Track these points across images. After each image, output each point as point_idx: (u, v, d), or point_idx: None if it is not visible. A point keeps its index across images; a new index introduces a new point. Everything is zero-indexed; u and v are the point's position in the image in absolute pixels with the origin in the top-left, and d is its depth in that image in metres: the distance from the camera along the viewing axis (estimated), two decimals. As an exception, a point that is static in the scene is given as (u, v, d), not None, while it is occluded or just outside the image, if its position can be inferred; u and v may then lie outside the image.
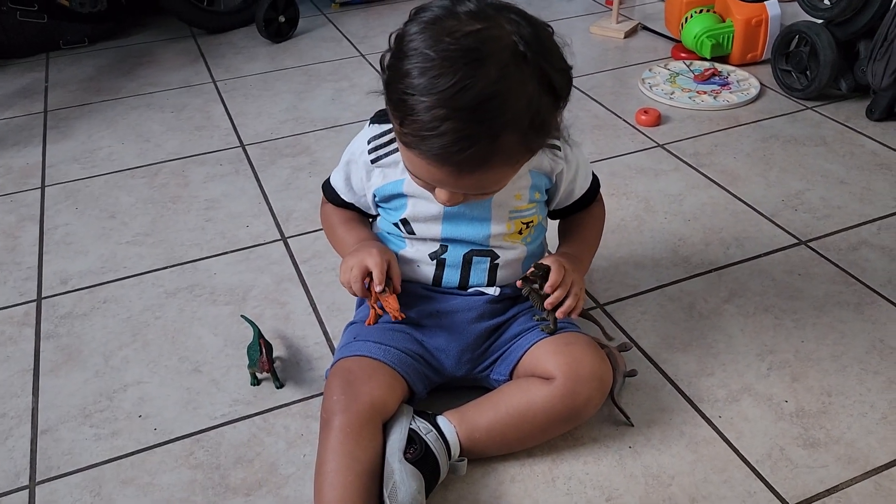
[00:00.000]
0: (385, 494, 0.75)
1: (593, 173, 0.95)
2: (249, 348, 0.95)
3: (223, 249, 1.23)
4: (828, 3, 1.52)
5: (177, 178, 1.45)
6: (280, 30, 2.09)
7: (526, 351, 0.85)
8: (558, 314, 0.86)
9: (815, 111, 1.56)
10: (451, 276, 0.89)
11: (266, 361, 0.92)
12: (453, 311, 0.88)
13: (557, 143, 0.86)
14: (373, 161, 0.87)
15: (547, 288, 0.85)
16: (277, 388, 0.95)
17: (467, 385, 0.89)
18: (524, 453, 0.84)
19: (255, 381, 0.96)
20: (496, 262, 0.88)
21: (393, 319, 0.84)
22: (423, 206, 0.86)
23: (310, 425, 0.90)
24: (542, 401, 0.81)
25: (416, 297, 0.89)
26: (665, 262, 1.14)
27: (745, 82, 1.67)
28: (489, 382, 0.88)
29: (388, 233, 0.91)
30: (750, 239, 1.19)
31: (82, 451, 0.88)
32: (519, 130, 0.68)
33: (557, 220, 0.97)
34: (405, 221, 0.87)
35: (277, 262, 1.20)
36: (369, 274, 0.83)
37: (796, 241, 1.17)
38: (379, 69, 0.74)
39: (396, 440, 0.79)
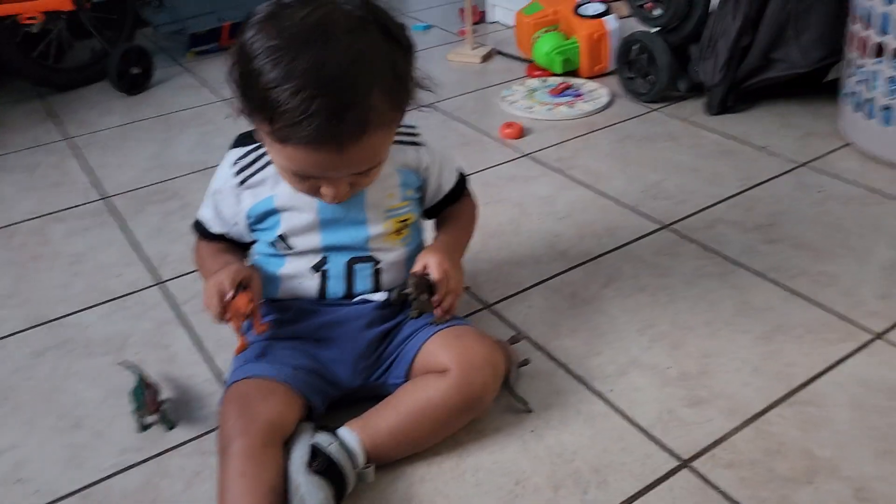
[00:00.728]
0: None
1: (460, 171, 0.98)
2: (133, 392, 0.90)
3: (94, 302, 1.17)
4: (657, 13, 1.65)
5: (35, 238, 1.37)
6: (135, 81, 2.03)
7: (418, 350, 0.86)
8: (443, 315, 0.88)
9: (661, 112, 1.68)
10: (336, 287, 0.89)
11: (153, 401, 0.88)
12: (343, 321, 0.88)
13: (417, 138, 0.90)
14: (241, 183, 0.87)
15: (435, 301, 0.86)
16: (168, 429, 0.91)
17: (366, 397, 0.88)
18: (430, 452, 0.84)
19: (144, 427, 0.91)
20: (378, 266, 0.89)
21: (256, 332, 0.83)
22: (298, 217, 0.86)
23: (207, 461, 0.86)
24: (440, 395, 0.81)
25: (302, 313, 0.88)
26: (544, 258, 1.19)
27: (596, 92, 1.78)
28: (387, 389, 0.88)
29: (267, 255, 0.90)
30: (619, 228, 1.25)
31: (-47, 527, 0.80)
32: (384, 87, 0.72)
33: (434, 222, 0.99)
34: (283, 237, 0.87)
35: (155, 306, 1.15)
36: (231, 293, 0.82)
37: (659, 225, 1.25)
38: (231, 87, 0.74)
39: (299, 456, 0.77)
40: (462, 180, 0.98)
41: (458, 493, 0.80)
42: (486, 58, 2.10)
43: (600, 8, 1.85)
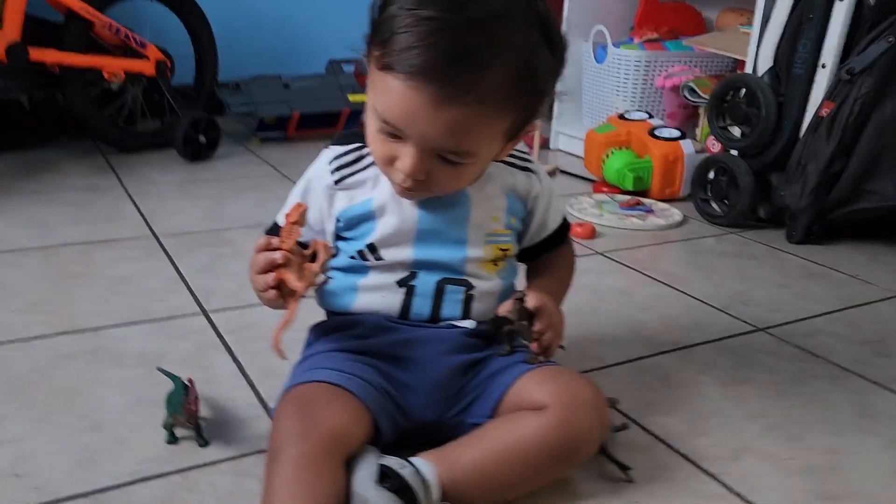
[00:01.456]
0: (359, 528, 0.58)
1: (564, 215, 0.90)
2: (170, 396, 0.78)
3: (133, 319, 1.06)
4: (738, 134, 1.63)
5: (78, 259, 1.28)
6: (199, 150, 2.02)
7: (509, 386, 0.73)
8: (546, 353, 0.77)
9: (738, 235, 1.61)
10: (422, 306, 0.78)
11: (192, 409, 0.75)
12: (424, 341, 0.76)
13: (531, 164, 0.83)
14: (337, 182, 0.79)
15: (536, 332, 0.76)
16: (201, 445, 0.77)
17: (441, 438, 0.74)
18: (515, 507, 0.70)
19: (173, 439, 0.78)
20: (471, 292, 0.78)
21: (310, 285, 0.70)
22: (394, 223, 0.77)
23: (244, 483, 0.72)
24: (535, 432, 0.68)
25: (377, 329, 0.77)
26: (628, 340, 1.08)
27: (668, 211, 1.73)
28: (466, 429, 0.74)
29: (347, 269, 0.80)
30: (709, 325, 1.14)
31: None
32: (512, 68, 0.64)
33: (526, 267, 0.89)
34: (372, 247, 0.77)
35: (198, 331, 1.04)
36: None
37: (753, 327, 1.14)
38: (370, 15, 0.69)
39: (366, 473, 0.63)
40: (566, 225, 0.89)
41: (549, 556, 0.65)
42: (551, 174, 2.08)
43: (676, 133, 1.84)
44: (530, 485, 0.70)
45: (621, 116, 1.96)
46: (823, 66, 1.49)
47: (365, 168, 0.78)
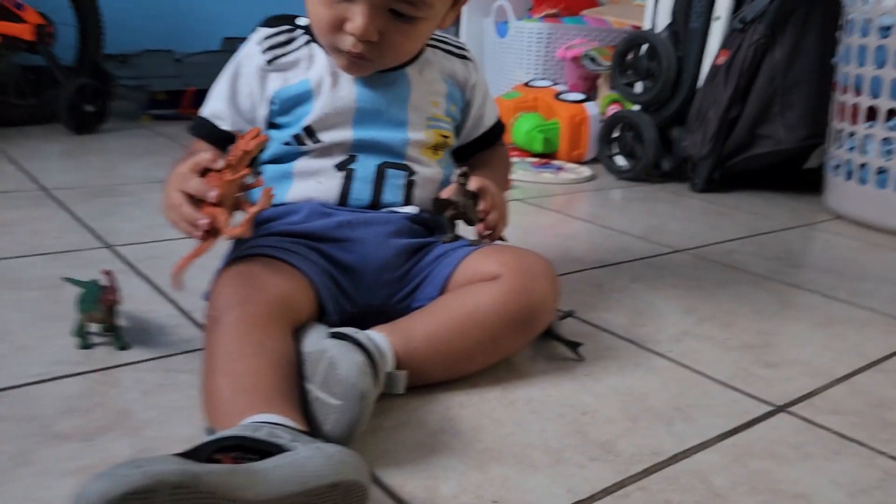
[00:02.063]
0: (314, 382, 0.54)
1: (499, 118, 0.89)
2: (82, 296, 0.70)
3: (26, 253, 0.96)
4: (640, 89, 1.69)
5: (-44, 207, 1.16)
6: (86, 120, 1.88)
7: (457, 265, 0.71)
8: (492, 235, 0.75)
9: (646, 187, 1.65)
10: (362, 191, 0.74)
11: (113, 294, 0.68)
12: (366, 223, 0.72)
13: (468, 53, 0.82)
14: (269, 62, 0.74)
15: (481, 211, 0.74)
16: (120, 348, 0.70)
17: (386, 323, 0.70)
18: (467, 384, 0.67)
19: (87, 344, 0.70)
20: (412, 178, 0.76)
21: (233, 236, 0.61)
22: (333, 102, 0.73)
23: (174, 377, 0.66)
24: (492, 299, 0.66)
25: (316, 214, 0.73)
26: (559, 260, 1.06)
27: (578, 168, 1.75)
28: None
29: (280, 158, 0.75)
30: (631, 248, 1.16)
31: None
32: None
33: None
34: (309, 130, 0.73)
35: (104, 262, 0.95)
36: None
37: (673, 249, 1.17)
38: None
39: (316, 335, 0.59)
40: (501, 124, 0.88)
41: (511, 419, 0.62)
42: (459, 144, 2.07)
43: (581, 96, 1.88)
44: (487, 356, 0.67)
45: (526, 84, 1.99)
46: (718, 19, 1.56)
47: (297, 49, 0.75)
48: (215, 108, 0.77)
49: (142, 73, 2.13)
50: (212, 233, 0.61)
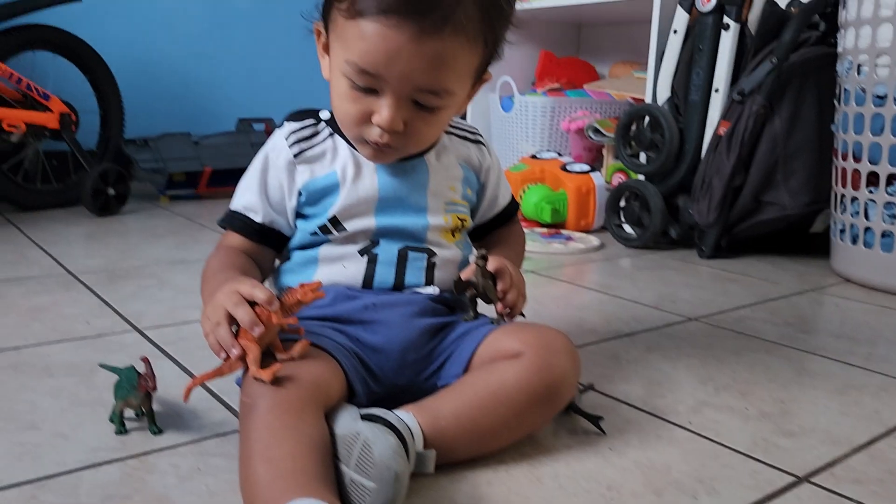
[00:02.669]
0: (348, 464, 0.56)
1: (512, 196, 0.93)
2: (118, 384, 0.73)
3: (57, 339, 0.99)
4: (644, 160, 1.74)
5: (-13, 294, 1.19)
6: (108, 203, 1.94)
7: (480, 342, 0.73)
8: (511, 313, 0.78)
9: (654, 254, 1.69)
10: (385, 275, 0.77)
11: (151, 380, 0.70)
12: (390, 304, 0.75)
13: (481, 137, 0.87)
14: (297, 155, 0.78)
15: (500, 291, 0.77)
16: (155, 433, 0.72)
17: (412, 402, 0.72)
18: (494, 460, 0.68)
19: (123, 429, 0.72)
20: (433, 259, 0.79)
21: (257, 376, 0.61)
22: (357, 193, 0.76)
23: (209, 461, 0.67)
24: (515, 376, 0.68)
25: (341, 297, 0.76)
26: (573, 332, 1.09)
27: (587, 238, 1.79)
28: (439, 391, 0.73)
29: (306, 245, 0.79)
30: (645, 318, 1.18)
31: None
32: (480, 2, 0.67)
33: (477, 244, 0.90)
34: (335, 220, 0.77)
35: (132, 345, 0.98)
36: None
37: (686, 318, 1.19)
38: None
39: (348, 416, 0.61)
40: (515, 203, 0.92)
41: (538, 496, 0.63)
42: (469, 216, 2.12)
43: (586, 167, 1.93)
44: (512, 433, 0.68)
45: (533, 156, 2.04)
46: (717, 91, 1.62)
47: (322, 141, 0.79)
48: (248, 201, 0.79)
49: (161, 155, 2.20)
50: (237, 362, 0.64)
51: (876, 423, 0.81)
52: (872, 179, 1.38)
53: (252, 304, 0.64)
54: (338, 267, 0.77)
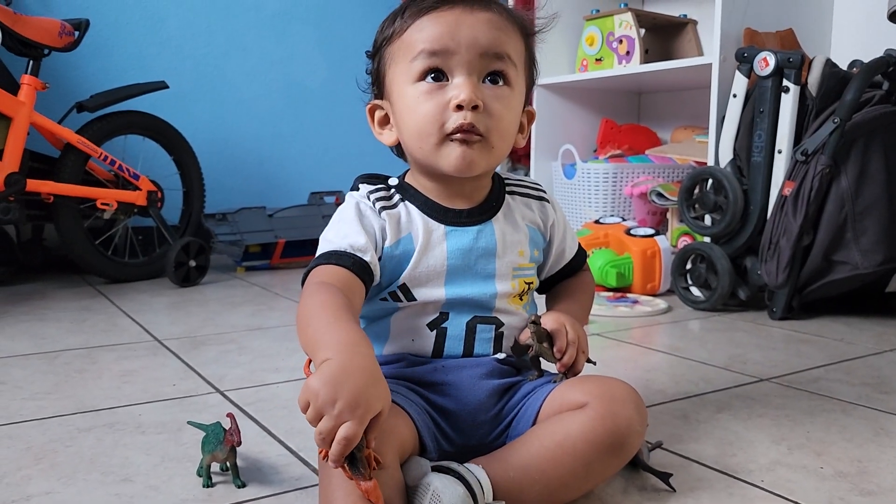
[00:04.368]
0: (422, 512, 0.58)
1: (579, 244, 0.93)
2: (205, 439, 0.77)
3: (147, 400, 1.05)
4: (709, 222, 1.74)
5: (81, 360, 1.27)
6: (190, 275, 2.05)
7: (545, 399, 0.75)
8: (573, 370, 0.79)
9: (723, 316, 1.67)
10: (454, 347, 0.79)
11: (236, 434, 0.75)
12: (459, 367, 0.77)
13: (544, 193, 0.87)
14: (380, 211, 0.78)
15: (557, 352, 0.79)
16: (239, 486, 0.76)
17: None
18: (565, 514, 0.69)
19: (210, 482, 0.76)
20: (501, 329, 0.80)
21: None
22: (427, 259, 0.77)
23: (289, 512, 0.71)
24: (580, 426, 0.69)
25: (412, 363, 0.79)
26: (641, 393, 1.09)
27: (654, 301, 1.79)
28: (507, 450, 0.75)
29: (377, 314, 0.81)
30: (715, 379, 1.17)
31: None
32: (518, 26, 0.77)
33: (545, 296, 0.92)
34: (405, 288, 0.78)
35: (216, 405, 1.03)
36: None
37: (758, 378, 1.17)
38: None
39: (418, 468, 0.63)
40: (583, 252, 0.93)
41: (609, 550, 0.64)
42: (534, 282, 2.14)
43: (651, 230, 1.95)
44: (580, 483, 0.69)
45: (597, 222, 2.07)
46: (780, 152, 1.63)
47: (396, 206, 0.79)
48: (353, 241, 0.74)
49: (238, 228, 2.32)
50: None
51: (961, 484, 0.78)
52: (947, 236, 1.36)
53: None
54: (407, 341, 0.79)
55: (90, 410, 1.00)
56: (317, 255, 0.75)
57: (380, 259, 0.76)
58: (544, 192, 0.88)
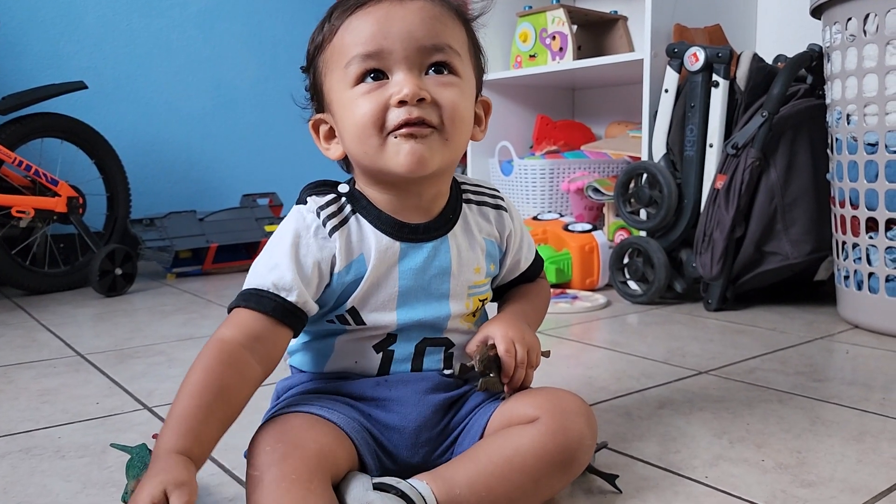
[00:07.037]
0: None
1: (536, 251, 0.89)
2: (130, 463, 0.72)
3: (68, 421, 0.99)
4: (645, 216, 1.76)
5: (-3, 379, 1.20)
6: (115, 284, 1.96)
7: (492, 413, 0.72)
8: (521, 387, 0.76)
9: (661, 309, 1.69)
10: (400, 368, 0.75)
11: (161, 458, 0.70)
12: (404, 382, 0.74)
13: (502, 202, 0.82)
14: (330, 233, 0.70)
15: (504, 377, 0.74)
16: (168, 511, 0.71)
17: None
18: (511, 524, 0.67)
19: (135, 509, 0.71)
20: (450, 351, 0.77)
21: None
22: (378, 282, 0.71)
23: (221, 537, 0.67)
24: (530, 441, 0.67)
25: (354, 377, 0.75)
26: (583, 391, 1.09)
27: (593, 296, 1.80)
28: (454, 466, 0.72)
29: (322, 334, 0.75)
30: (655, 374, 1.18)
31: None
32: (460, 18, 0.72)
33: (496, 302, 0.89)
34: (353, 311, 0.72)
35: (143, 423, 0.98)
36: None
37: (696, 371, 1.18)
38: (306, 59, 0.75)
39: (360, 486, 0.60)
40: (540, 260, 0.88)
41: (557, 559, 0.62)
42: (474, 280, 2.13)
43: (588, 226, 1.95)
44: (529, 499, 0.67)
45: (535, 218, 2.07)
46: (711, 146, 1.65)
47: (347, 221, 0.72)
48: (278, 278, 0.67)
49: (167, 234, 2.23)
50: None
51: (894, 470, 0.79)
52: (871, 225, 1.40)
53: None
54: (350, 361, 0.74)
55: (4, 435, 0.94)
56: (242, 287, 0.69)
57: (328, 286, 0.70)
58: (502, 198, 0.82)
